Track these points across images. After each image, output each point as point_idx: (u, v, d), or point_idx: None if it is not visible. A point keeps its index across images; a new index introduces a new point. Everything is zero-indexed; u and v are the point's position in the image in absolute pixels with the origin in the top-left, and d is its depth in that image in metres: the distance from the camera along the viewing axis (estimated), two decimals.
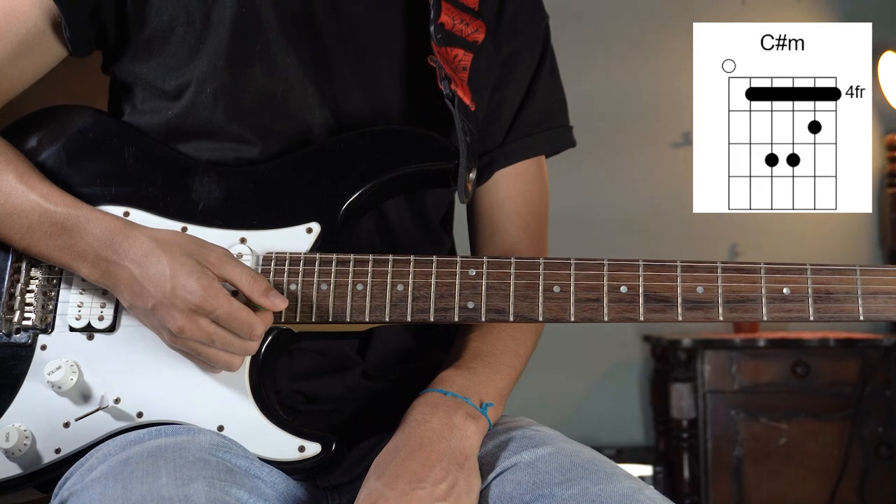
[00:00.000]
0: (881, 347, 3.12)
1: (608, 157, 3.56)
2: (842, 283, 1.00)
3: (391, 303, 1.03)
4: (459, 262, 1.04)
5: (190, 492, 0.89)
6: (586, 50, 3.56)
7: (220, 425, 1.03)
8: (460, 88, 1.11)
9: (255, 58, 1.11)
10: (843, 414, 3.09)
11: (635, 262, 1.02)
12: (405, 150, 1.10)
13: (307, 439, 1.03)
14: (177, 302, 0.98)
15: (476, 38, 1.16)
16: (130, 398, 1.05)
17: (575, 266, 1.03)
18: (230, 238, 1.07)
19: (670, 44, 3.52)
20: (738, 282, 1.01)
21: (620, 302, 1.01)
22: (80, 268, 1.04)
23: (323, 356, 1.13)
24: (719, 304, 1.01)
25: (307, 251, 1.06)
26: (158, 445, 0.97)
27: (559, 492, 0.97)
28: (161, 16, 1.12)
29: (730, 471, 3.11)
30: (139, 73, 1.16)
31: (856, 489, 3.07)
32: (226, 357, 1.01)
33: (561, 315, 1.02)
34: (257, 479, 0.99)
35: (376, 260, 1.04)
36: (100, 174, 1.10)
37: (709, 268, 1.01)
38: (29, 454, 1.04)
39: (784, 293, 1.01)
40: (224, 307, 0.98)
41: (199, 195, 1.09)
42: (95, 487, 0.93)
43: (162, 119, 1.13)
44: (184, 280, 0.98)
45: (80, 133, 1.12)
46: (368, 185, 1.09)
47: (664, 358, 3.34)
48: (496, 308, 1.03)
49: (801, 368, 3.12)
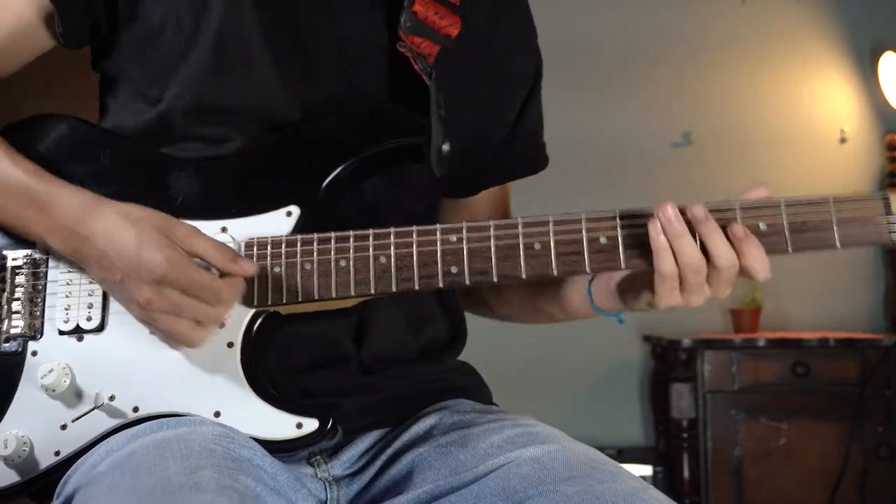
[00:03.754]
0: (881, 347, 3.12)
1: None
2: (816, 214, 1.02)
3: (375, 275, 1.05)
4: (439, 229, 1.05)
5: (199, 479, 0.89)
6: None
7: (217, 411, 1.04)
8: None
9: (237, 66, 1.13)
10: (843, 414, 3.09)
11: (612, 213, 1.04)
12: (378, 128, 1.12)
13: (304, 415, 1.04)
14: (143, 274, 1.00)
15: (449, 32, 1.17)
16: (125, 394, 1.05)
17: (553, 222, 1.04)
18: (211, 228, 1.08)
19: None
20: (715, 220, 1.02)
21: (601, 252, 1.03)
22: (52, 241, 1.06)
23: (319, 343, 1.13)
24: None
25: (288, 234, 1.07)
26: (163, 438, 0.98)
27: (563, 488, 0.98)
28: (152, 17, 1.13)
29: (730, 471, 3.11)
30: (126, 72, 1.18)
31: (856, 489, 3.07)
32: (190, 331, 1.02)
33: (544, 271, 1.03)
34: (260, 470, 1.00)
35: (357, 236, 1.06)
36: (78, 179, 1.11)
37: (684, 211, 1.02)
38: (28, 460, 1.04)
39: (761, 228, 1.03)
40: (189, 276, 1.00)
41: (176, 190, 1.10)
42: (103, 480, 0.94)
43: (144, 120, 1.15)
44: (149, 253, 1.00)
45: (56, 142, 1.13)
46: (345, 165, 1.10)
47: (664, 358, 3.35)
48: (479, 270, 1.04)
49: (801, 368, 3.12)
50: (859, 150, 3.62)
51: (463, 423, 1.12)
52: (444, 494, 1.04)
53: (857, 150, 3.63)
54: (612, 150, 3.59)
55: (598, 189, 3.47)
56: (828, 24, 3.63)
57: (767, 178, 3.77)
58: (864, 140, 3.62)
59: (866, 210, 1.02)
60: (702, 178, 3.56)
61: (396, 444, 1.13)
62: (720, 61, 3.65)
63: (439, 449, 1.08)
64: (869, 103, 3.61)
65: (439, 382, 1.21)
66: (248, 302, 1.06)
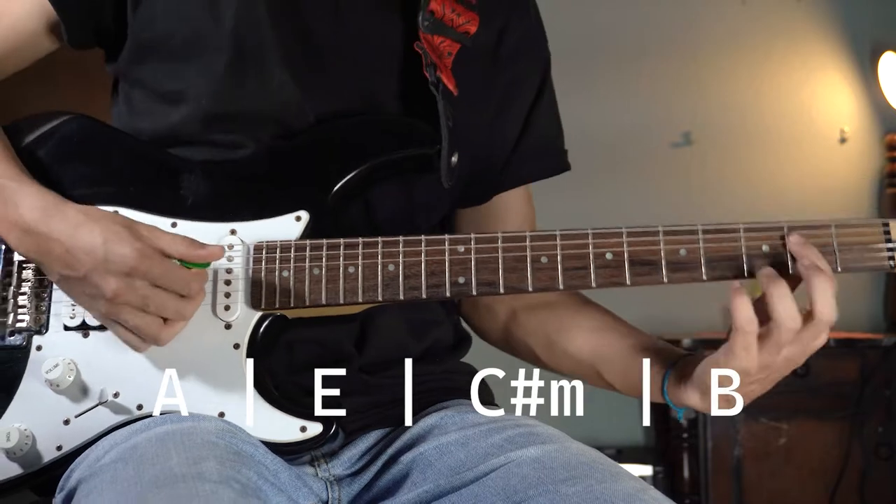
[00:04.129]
0: (881, 347, 3.12)
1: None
2: (818, 239, 1.03)
3: (383, 282, 1.06)
4: (448, 239, 1.06)
5: (202, 469, 0.90)
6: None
7: (221, 412, 1.05)
8: (444, 74, 1.14)
9: (251, 74, 1.13)
10: (843, 414, 3.09)
11: (618, 230, 1.05)
12: (388, 137, 1.13)
13: (308, 419, 1.05)
14: (111, 266, 1.00)
15: (467, 29, 1.18)
16: (130, 391, 1.06)
17: (560, 237, 1.05)
18: (221, 230, 1.09)
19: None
20: (719, 242, 1.04)
21: (607, 268, 1.04)
22: (9, 237, 1.06)
23: (320, 347, 1.14)
24: (702, 264, 1.04)
25: (297, 239, 1.08)
26: (166, 431, 0.98)
27: (563, 488, 0.98)
28: (162, 23, 1.14)
29: (730, 471, 3.11)
30: (138, 76, 1.18)
31: (856, 489, 3.07)
32: (157, 327, 1.02)
33: (550, 284, 1.05)
34: (262, 466, 1.00)
35: (366, 243, 1.07)
36: (87, 176, 1.12)
37: (690, 230, 1.04)
38: (30, 454, 1.05)
39: (763, 250, 1.03)
40: (159, 266, 1.00)
41: (187, 191, 1.11)
42: (107, 472, 0.94)
43: (156, 124, 1.16)
44: (116, 246, 1.00)
45: (65, 138, 1.14)
46: (354, 172, 1.11)
47: None
48: (486, 281, 1.05)
49: (801, 368, 3.07)
50: (859, 150, 3.62)
51: (463, 423, 1.13)
52: (444, 494, 1.05)
53: (857, 150, 3.62)
54: (612, 150, 3.59)
55: (598, 189, 3.46)
56: (828, 24, 3.62)
57: (767, 177, 3.77)
58: (864, 140, 3.62)
59: (866, 236, 1.04)
60: (702, 178, 3.55)
61: (397, 444, 1.13)
62: (720, 61, 3.64)
63: (440, 449, 1.09)
64: (869, 103, 3.60)
65: (440, 383, 1.21)
66: (256, 304, 1.07)
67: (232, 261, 1.08)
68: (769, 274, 1.01)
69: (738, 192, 3.51)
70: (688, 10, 3.65)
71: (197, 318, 1.06)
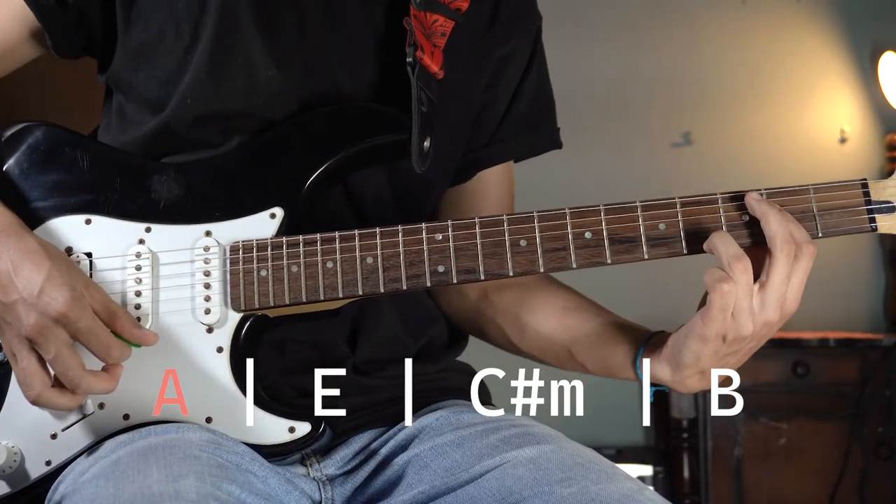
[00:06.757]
0: (881, 347, 3.12)
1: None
2: (797, 204, 1.02)
3: (363, 276, 1.04)
4: (425, 228, 1.05)
5: (180, 487, 0.89)
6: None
7: (208, 417, 1.04)
8: (428, 56, 1.12)
9: (237, 70, 1.12)
10: (843, 414, 3.09)
11: (596, 207, 1.03)
12: (358, 126, 1.11)
13: (296, 419, 1.04)
14: (39, 305, 0.97)
15: (459, 5, 1.16)
16: (115, 402, 1.05)
17: (538, 218, 1.04)
18: (195, 232, 1.08)
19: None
20: (698, 214, 1.02)
21: (586, 248, 1.03)
22: None
23: (312, 347, 1.13)
24: (682, 238, 1.02)
25: (273, 236, 1.07)
26: (148, 444, 0.97)
27: (559, 489, 0.98)
28: (150, 26, 1.13)
29: (730, 471, 3.11)
30: (129, 82, 1.17)
31: (856, 489, 3.07)
32: (39, 386, 0.99)
33: (531, 267, 1.03)
34: (249, 474, 1.00)
35: (343, 236, 1.05)
36: (56, 185, 1.10)
37: (668, 204, 1.03)
38: (19, 471, 1.04)
39: (744, 220, 1.02)
40: (88, 319, 0.99)
41: (158, 194, 1.09)
42: (87, 488, 0.94)
43: (148, 129, 1.14)
44: (54, 289, 0.98)
45: (32, 148, 1.12)
46: (326, 165, 1.09)
47: None
48: (467, 268, 1.04)
49: (801, 368, 3.12)
50: (859, 150, 3.62)
51: (459, 423, 1.12)
52: (439, 495, 1.04)
53: (857, 150, 3.62)
54: (612, 150, 3.59)
55: (597, 189, 3.47)
56: (828, 24, 3.62)
57: (767, 177, 3.76)
58: (864, 140, 3.62)
59: (846, 199, 1.02)
60: (702, 178, 3.55)
61: (392, 444, 1.13)
62: (720, 61, 3.64)
63: (435, 449, 1.08)
64: (869, 103, 3.60)
65: (436, 382, 1.21)
66: (236, 306, 1.06)
67: (209, 263, 1.07)
68: (757, 197, 0.99)
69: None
70: (688, 9, 3.65)
71: (178, 322, 1.05)
